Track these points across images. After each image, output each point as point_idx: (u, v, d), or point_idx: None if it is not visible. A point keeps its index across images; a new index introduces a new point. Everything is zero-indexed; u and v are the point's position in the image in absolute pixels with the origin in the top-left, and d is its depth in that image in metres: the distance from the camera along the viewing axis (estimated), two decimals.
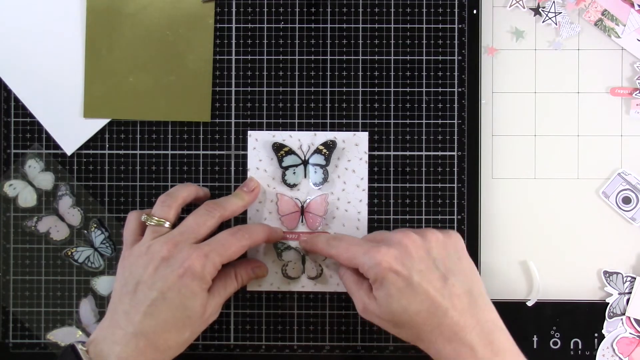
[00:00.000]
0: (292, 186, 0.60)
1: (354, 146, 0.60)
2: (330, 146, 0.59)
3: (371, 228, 0.62)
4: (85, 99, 0.62)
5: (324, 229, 0.60)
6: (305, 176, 0.59)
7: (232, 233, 0.55)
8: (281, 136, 0.60)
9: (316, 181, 0.59)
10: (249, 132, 0.60)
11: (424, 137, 0.62)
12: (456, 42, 0.62)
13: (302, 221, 0.60)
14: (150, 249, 0.53)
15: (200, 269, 0.52)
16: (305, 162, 0.59)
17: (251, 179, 0.60)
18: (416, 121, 0.62)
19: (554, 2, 0.62)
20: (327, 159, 0.59)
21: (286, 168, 0.60)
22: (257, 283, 0.60)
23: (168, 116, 0.62)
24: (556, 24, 0.62)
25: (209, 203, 0.57)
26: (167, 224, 0.55)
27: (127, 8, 0.61)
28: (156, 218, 0.55)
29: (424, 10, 0.62)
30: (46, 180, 0.62)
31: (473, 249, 0.62)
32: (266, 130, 0.61)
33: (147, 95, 0.62)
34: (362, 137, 0.60)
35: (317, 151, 0.59)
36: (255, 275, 0.59)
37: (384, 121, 0.62)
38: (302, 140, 0.60)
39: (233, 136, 0.62)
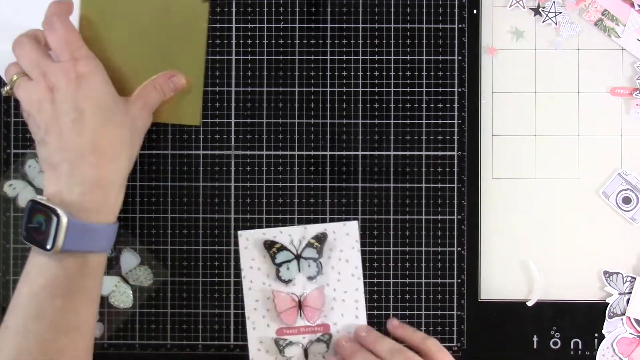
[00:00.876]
0: (287, 282, 0.60)
1: (345, 236, 0.60)
2: (321, 239, 0.60)
3: (371, 235, 0.62)
4: None
5: (323, 322, 0.60)
6: (299, 270, 0.60)
7: None
8: (271, 233, 0.60)
9: (311, 275, 0.60)
10: (240, 232, 0.61)
11: (424, 137, 0.62)
12: (456, 42, 0.62)
13: (300, 315, 0.60)
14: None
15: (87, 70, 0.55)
16: (298, 257, 0.60)
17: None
18: (416, 121, 0.62)
19: (554, 2, 0.62)
20: (320, 251, 0.60)
21: (280, 264, 0.60)
22: None
23: (158, 118, 0.61)
24: (556, 24, 0.62)
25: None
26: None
27: (120, 10, 0.61)
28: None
29: (424, 10, 0.62)
30: None
31: (473, 249, 0.62)
32: (257, 227, 0.62)
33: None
34: (352, 226, 0.60)
35: (309, 245, 0.60)
36: (175, 84, 0.60)
37: (384, 121, 0.62)
38: (293, 235, 0.60)
39: (233, 136, 0.62)
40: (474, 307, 0.62)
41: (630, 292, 0.62)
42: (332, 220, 0.62)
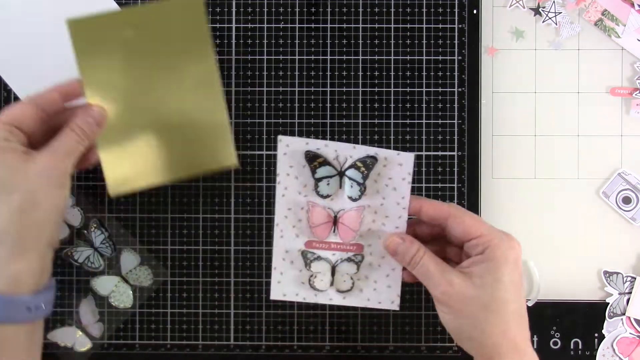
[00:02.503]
0: (325, 197, 0.54)
1: (397, 166, 0.53)
2: (369, 165, 0.53)
3: None
4: (108, 178, 0.57)
5: (357, 242, 0.55)
6: (340, 187, 0.54)
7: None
8: (315, 145, 0.53)
9: (352, 195, 0.54)
10: (280, 137, 0.53)
11: (424, 137, 0.62)
12: (456, 42, 0.62)
13: (334, 231, 0.55)
14: None
15: None
16: (341, 174, 0.54)
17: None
18: (416, 121, 0.62)
19: (554, 2, 0.62)
20: (365, 177, 0.53)
21: (319, 179, 0.54)
22: (281, 292, 0.55)
23: (192, 170, 0.58)
24: (556, 24, 0.62)
25: None
26: None
27: (126, 71, 0.57)
28: None
29: (424, 10, 0.62)
30: None
31: None
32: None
33: (166, 155, 0.58)
34: (408, 157, 0.53)
35: (355, 167, 0.53)
36: (96, 120, 0.53)
37: (384, 121, 0.62)
38: (339, 152, 0.53)
39: (233, 136, 0.62)
40: None
41: (630, 292, 0.62)
42: None
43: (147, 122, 0.57)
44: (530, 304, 0.62)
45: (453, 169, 0.62)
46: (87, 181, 0.62)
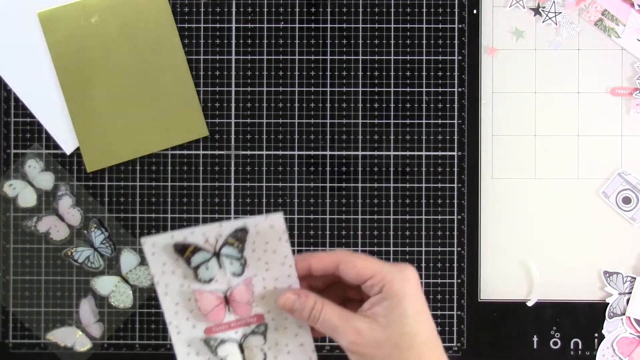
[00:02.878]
0: (208, 281, 0.50)
1: (269, 229, 0.50)
2: (241, 238, 0.50)
3: (371, 235, 0.62)
4: (84, 154, 0.62)
5: (256, 313, 0.52)
6: (220, 267, 0.50)
7: None
8: (181, 235, 0.49)
9: (235, 271, 0.51)
10: (143, 240, 0.48)
11: (424, 137, 0.62)
12: (456, 42, 0.62)
13: (228, 310, 0.51)
14: None
15: None
16: (217, 254, 0.50)
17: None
18: (416, 121, 0.62)
19: (554, 2, 0.62)
20: (241, 250, 0.50)
21: (197, 267, 0.50)
22: None
23: (168, 143, 0.62)
24: (556, 24, 0.62)
25: None
26: None
27: (94, 54, 0.61)
28: None
29: (424, 10, 0.62)
30: (46, 180, 0.62)
31: (473, 249, 0.62)
32: (162, 232, 0.52)
33: (140, 130, 0.62)
34: (277, 218, 0.50)
35: (228, 244, 0.50)
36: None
37: (384, 121, 0.62)
38: (208, 234, 0.50)
39: (233, 136, 0.62)
40: (474, 307, 0.62)
41: (630, 292, 0.62)
42: (332, 219, 0.62)
43: (119, 101, 0.62)
44: (530, 304, 0.62)
45: (453, 169, 0.62)
46: (87, 181, 0.62)
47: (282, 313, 0.52)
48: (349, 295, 0.52)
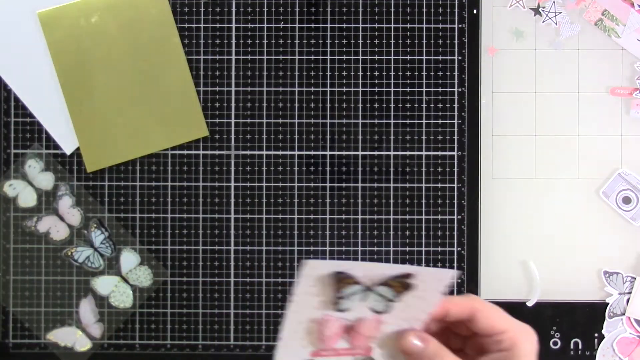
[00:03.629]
0: (343, 311, 0.47)
1: (434, 281, 0.47)
2: (407, 284, 0.46)
3: (371, 234, 0.62)
4: (84, 154, 0.62)
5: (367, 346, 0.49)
6: (362, 299, 0.47)
7: None
8: (346, 266, 0.46)
9: (377, 308, 0.47)
10: (306, 262, 0.45)
11: (424, 137, 0.62)
12: (456, 42, 0.62)
13: (344, 338, 0.48)
14: None
15: None
16: (369, 289, 0.47)
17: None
18: (416, 121, 0.62)
19: (554, 2, 0.62)
20: (398, 295, 0.46)
21: (342, 297, 0.47)
22: None
23: (168, 143, 0.62)
24: (556, 24, 0.62)
25: None
26: None
27: (94, 54, 0.61)
28: None
29: (424, 10, 0.62)
30: (46, 180, 0.62)
31: (473, 249, 0.62)
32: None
33: (140, 130, 0.62)
34: (448, 275, 0.45)
35: (388, 285, 0.47)
36: None
37: (383, 121, 0.62)
38: (372, 271, 0.46)
39: (233, 136, 0.62)
40: None
41: (630, 292, 0.62)
42: (332, 219, 0.62)
43: (119, 101, 0.61)
44: (530, 304, 0.62)
45: (453, 169, 0.62)
46: (87, 181, 0.62)
47: (396, 355, 0.49)
48: (452, 344, 0.49)
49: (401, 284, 0.46)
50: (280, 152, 0.62)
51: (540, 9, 0.62)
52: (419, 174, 0.62)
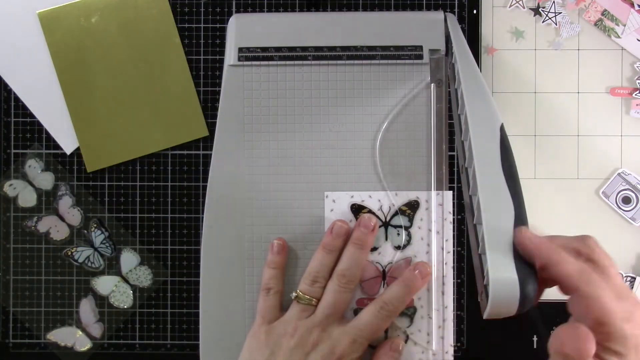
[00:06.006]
0: (372, 250, 0.55)
1: (438, 206, 0.55)
2: (414, 206, 0.55)
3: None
4: (84, 154, 0.62)
5: None
6: (386, 239, 0.55)
7: (375, 313, 0.53)
8: (360, 197, 0.55)
9: (399, 243, 0.55)
10: (326, 193, 0.56)
11: None
12: None
13: (383, 286, 0.55)
14: (298, 332, 0.52)
15: (349, 354, 0.51)
16: (386, 224, 0.55)
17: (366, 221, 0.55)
18: None
19: (554, 2, 0.62)
20: (411, 219, 0.55)
21: None
22: None
23: (168, 143, 0.62)
24: (556, 24, 0.62)
25: (341, 277, 0.54)
26: (314, 301, 0.54)
27: (94, 54, 0.61)
28: (307, 297, 0.54)
29: (424, 10, 0.62)
30: (46, 180, 0.62)
31: None
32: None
33: (140, 130, 0.62)
34: (446, 196, 0.55)
35: (400, 212, 0.55)
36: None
37: None
38: (382, 201, 0.55)
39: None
40: (474, 307, 0.62)
41: None
42: None
43: (119, 101, 0.61)
44: None
45: (453, 168, 0.62)
46: (87, 181, 0.62)
47: (432, 302, 0.55)
48: None
49: (409, 206, 0.55)
50: None
51: (540, 9, 0.62)
52: None
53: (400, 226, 0.55)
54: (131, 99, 0.62)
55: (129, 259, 0.62)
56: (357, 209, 0.55)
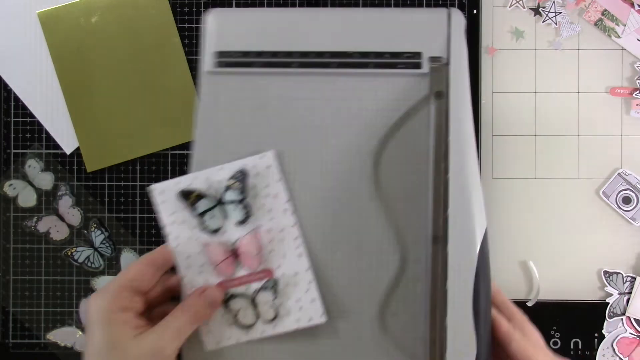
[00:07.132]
0: (215, 232, 0.51)
1: (266, 170, 0.51)
2: (240, 178, 0.51)
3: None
4: (84, 154, 0.62)
5: (265, 267, 0.51)
6: (225, 217, 0.51)
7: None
8: (186, 181, 0.50)
9: (239, 218, 0.51)
10: (151, 187, 0.50)
11: None
12: None
13: (238, 265, 0.51)
14: None
15: (101, 300, 0.46)
16: (220, 202, 0.51)
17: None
18: None
19: (554, 2, 0.62)
20: (243, 191, 0.51)
21: (202, 214, 0.51)
22: (215, 341, 0.51)
23: (168, 143, 0.62)
24: (556, 24, 0.62)
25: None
26: None
27: (94, 54, 0.62)
28: None
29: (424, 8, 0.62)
30: (46, 180, 0.62)
31: None
32: (170, 178, 0.52)
33: (140, 130, 0.62)
34: (270, 156, 0.51)
35: (229, 187, 0.51)
36: (209, 302, 0.50)
37: None
38: (210, 179, 0.51)
39: None
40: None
41: (630, 292, 0.62)
42: None
43: (119, 101, 0.62)
44: (530, 304, 0.62)
45: None
46: (87, 181, 0.62)
47: (292, 268, 0.51)
48: None
49: (236, 179, 0.51)
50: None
51: (540, 9, 0.62)
52: None
53: (233, 201, 0.51)
54: (131, 99, 0.62)
55: (129, 259, 0.62)
56: (186, 195, 0.51)
